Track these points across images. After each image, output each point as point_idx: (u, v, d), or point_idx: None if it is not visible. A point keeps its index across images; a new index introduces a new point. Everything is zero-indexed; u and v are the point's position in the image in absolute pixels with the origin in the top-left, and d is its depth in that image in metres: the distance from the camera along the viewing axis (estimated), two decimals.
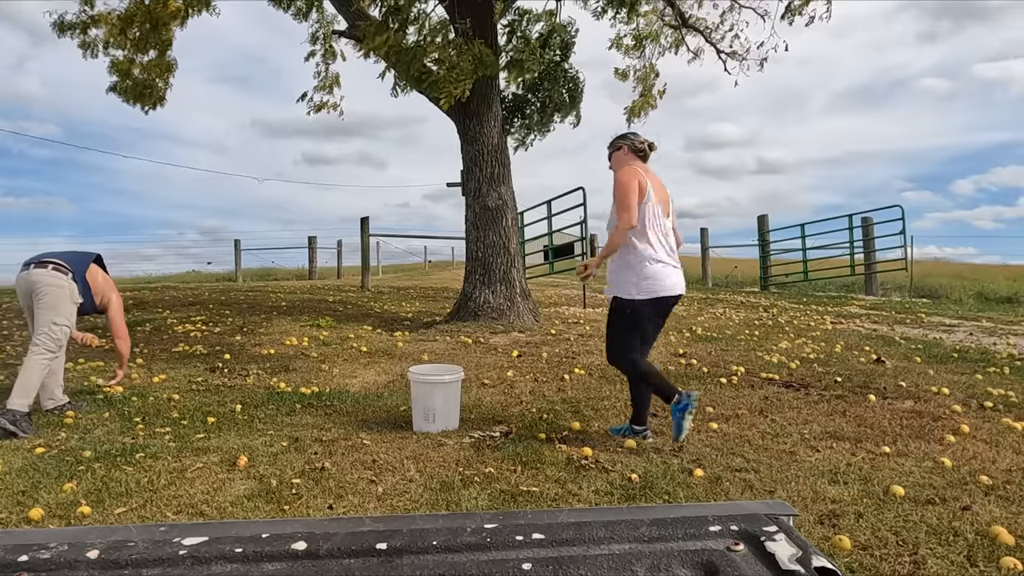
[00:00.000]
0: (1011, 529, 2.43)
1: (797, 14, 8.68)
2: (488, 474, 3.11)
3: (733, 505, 0.92)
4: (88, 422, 4.05)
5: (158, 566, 0.76)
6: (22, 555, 0.77)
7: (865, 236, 13.78)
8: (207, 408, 4.35)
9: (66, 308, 3.99)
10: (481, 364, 5.70)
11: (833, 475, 3.06)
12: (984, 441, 3.59)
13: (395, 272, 22.34)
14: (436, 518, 0.89)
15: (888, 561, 2.25)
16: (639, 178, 3.51)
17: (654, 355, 6.09)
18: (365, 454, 3.40)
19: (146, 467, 3.25)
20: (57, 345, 3.96)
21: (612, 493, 2.90)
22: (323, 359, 5.95)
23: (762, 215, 15.80)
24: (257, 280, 18.30)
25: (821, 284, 15.36)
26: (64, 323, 3.97)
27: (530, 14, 8.98)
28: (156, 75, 8.17)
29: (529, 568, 0.76)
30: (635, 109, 9.46)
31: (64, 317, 3.97)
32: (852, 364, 5.78)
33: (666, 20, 9.40)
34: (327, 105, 9.03)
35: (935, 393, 4.66)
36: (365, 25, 7.12)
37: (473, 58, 6.54)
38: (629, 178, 3.49)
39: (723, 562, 0.76)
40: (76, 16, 7.77)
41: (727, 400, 4.56)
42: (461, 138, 7.94)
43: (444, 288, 13.16)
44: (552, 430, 3.82)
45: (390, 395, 4.73)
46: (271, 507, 2.78)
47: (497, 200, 7.65)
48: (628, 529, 0.82)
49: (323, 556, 0.78)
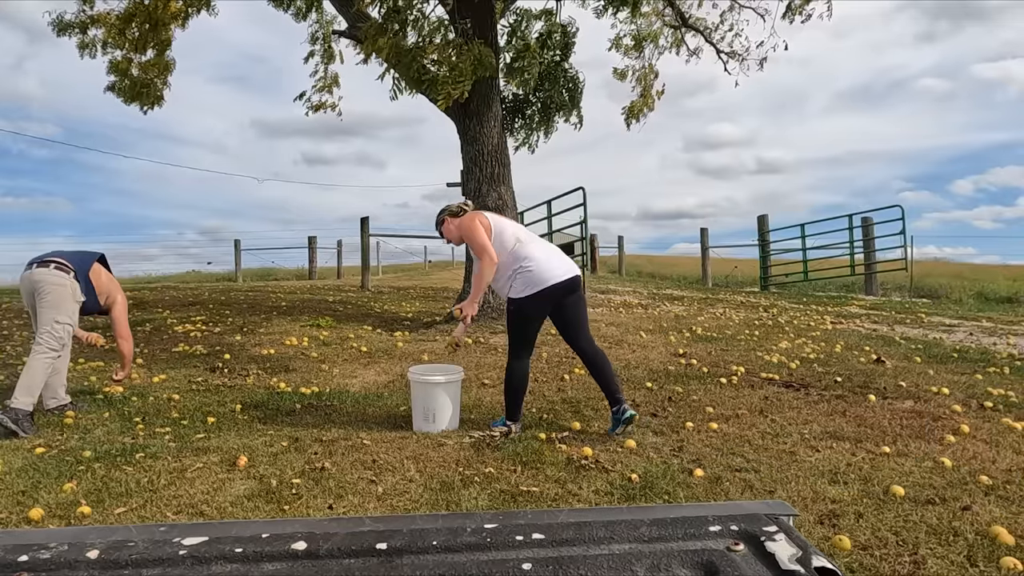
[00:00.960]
0: (1011, 529, 2.43)
1: (798, 13, 8.68)
2: (488, 474, 3.11)
3: (733, 505, 0.92)
4: (88, 422, 4.05)
5: (158, 566, 0.76)
6: (22, 555, 0.77)
7: (865, 236, 13.78)
8: (207, 408, 4.35)
9: (68, 307, 3.98)
10: (481, 364, 5.70)
11: (833, 475, 3.06)
12: (984, 441, 3.59)
13: (395, 272, 22.34)
14: (436, 518, 0.89)
15: (888, 561, 2.25)
16: (479, 219, 3.80)
17: (654, 355, 6.10)
18: (365, 454, 3.40)
19: (146, 467, 3.25)
20: (60, 344, 3.95)
21: (612, 493, 2.90)
22: (323, 359, 5.95)
23: (762, 215, 15.81)
24: (257, 280, 18.30)
25: (821, 284, 15.36)
26: (66, 321, 3.96)
27: (530, 14, 8.98)
28: (154, 75, 8.17)
29: (529, 568, 0.76)
30: (633, 110, 9.47)
31: (66, 315, 3.96)
32: (852, 364, 5.78)
33: (666, 20, 9.40)
34: (325, 105, 9.02)
35: (935, 393, 4.66)
36: (366, 26, 7.11)
37: (473, 59, 6.54)
38: (471, 223, 3.78)
39: (723, 562, 0.76)
40: (75, 16, 7.77)
41: (727, 400, 4.56)
42: (461, 138, 7.94)
43: (444, 288, 13.16)
44: (552, 430, 3.82)
45: (390, 395, 4.73)
46: (271, 507, 2.78)
47: (497, 200, 7.65)
48: (628, 529, 0.82)
49: (323, 556, 0.78)
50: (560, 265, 3.74)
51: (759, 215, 15.81)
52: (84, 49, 7.83)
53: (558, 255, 3.83)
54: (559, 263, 3.75)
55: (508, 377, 3.80)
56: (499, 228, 3.81)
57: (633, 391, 4.84)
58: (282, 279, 18.51)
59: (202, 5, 7.59)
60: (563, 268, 3.73)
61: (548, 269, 3.68)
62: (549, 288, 3.66)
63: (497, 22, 8.22)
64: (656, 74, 9.63)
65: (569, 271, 3.74)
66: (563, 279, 3.69)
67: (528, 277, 3.66)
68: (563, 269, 3.73)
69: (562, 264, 3.75)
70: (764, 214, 15.80)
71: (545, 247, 3.87)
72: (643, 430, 3.85)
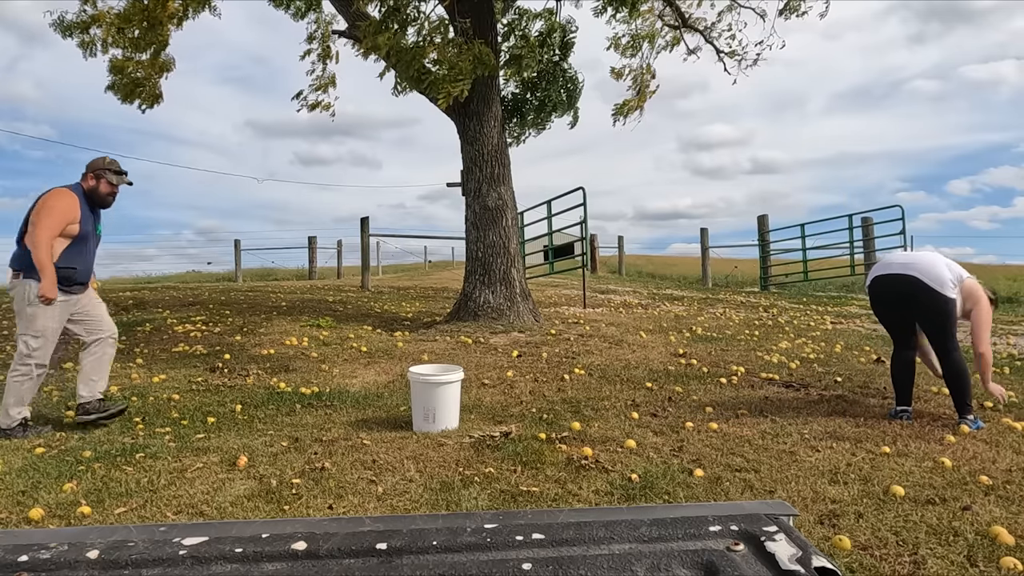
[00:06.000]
0: (1011, 529, 2.43)
1: (795, 12, 8.69)
2: (488, 474, 3.11)
3: (733, 505, 0.92)
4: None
5: (158, 566, 0.76)
6: (22, 555, 0.77)
7: (865, 236, 13.77)
8: (207, 408, 4.35)
9: (25, 314, 3.73)
10: (481, 364, 5.70)
11: (833, 475, 3.06)
12: (984, 441, 3.59)
13: (395, 272, 22.33)
14: (436, 518, 0.89)
15: (888, 561, 2.25)
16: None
17: (654, 355, 6.10)
18: (365, 454, 3.40)
19: (146, 467, 3.25)
20: (27, 358, 3.73)
21: (612, 493, 2.90)
22: (323, 359, 5.95)
23: (762, 215, 15.82)
24: (257, 280, 18.29)
25: (821, 284, 15.35)
26: (30, 333, 3.73)
27: (529, 13, 8.98)
28: (151, 73, 8.16)
29: (529, 568, 0.76)
30: (623, 108, 9.43)
31: (26, 326, 3.74)
32: (852, 364, 5.78)
33: (665, 20, 9.39)
34: (322, 105, 9.02)
35: (935, 393, 4.66)
36: (365, 25, 7.11)
37: (473, 58, 6.54)
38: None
39: (723, 562, 0.76)
40: (76, 16, 7.77)
41: (727, 400, 4.56)
42: (461, 138, 7.94)
43: (444, 288, 13.15)
44: (552, 430, 3.82)
45: (390, 395, 4.73)
46: (271, 507, 2.78)
47: (497, 200, 7.65)
48: (628, 529, 0.82)
49: (323, 556, 0.78)
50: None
51: (759, 215, 15.83)
52: (84, 49, 7.83)
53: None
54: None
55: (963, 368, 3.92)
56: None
57: (633, 391, 4.84)
58: (282, 279, 18.50)
59: (201, 5, 7.58)
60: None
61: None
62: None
63: (497, 21, 8.22)
64: (653, 74, 9.62)
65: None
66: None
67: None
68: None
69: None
70: (764, 214, 15.82)
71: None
72: (643, 430, 3.85)
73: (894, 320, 4.14)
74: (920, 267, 3.91)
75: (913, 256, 4.15)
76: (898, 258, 4.18)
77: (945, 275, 3.84)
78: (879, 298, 4.12)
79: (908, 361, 4.09)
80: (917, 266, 3.93)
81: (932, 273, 3.86)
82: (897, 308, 4.05)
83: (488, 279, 7.64)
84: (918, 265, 3.93)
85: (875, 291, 4.12)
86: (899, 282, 3.94)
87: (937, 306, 3.85)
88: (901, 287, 3.93)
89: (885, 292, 4.05)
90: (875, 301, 4.17)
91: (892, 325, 4.19)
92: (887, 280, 4.01)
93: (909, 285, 3.89)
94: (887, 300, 4.08)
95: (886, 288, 4.03)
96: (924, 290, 3.84)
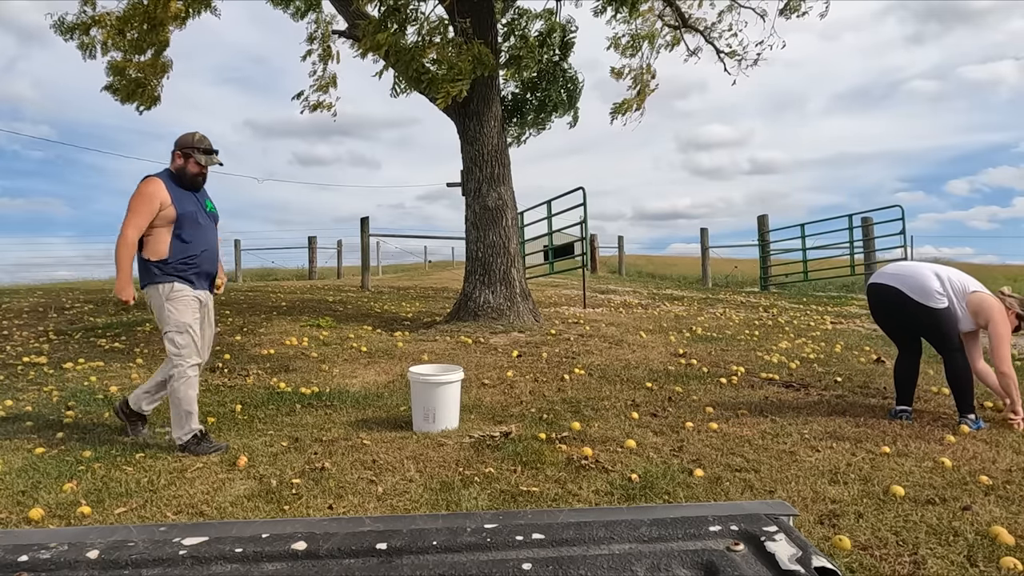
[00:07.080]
0: (1011, 529, 2.43)
1: (795, 12, 8.70)
2: (488, 474, 3.11)
3: (733, 505, 0.92)
4: (88, 422, 4.05)
5: (158, 566, 0.76)
6: (22, 555, 0.77)
7: (865, 236, 13.77)
8: (207, 408, 4.35)
9: (163, 317, 3.58)
10: (481, 364, 5.70)
11: (833, 475, 3.06)
12: (984, 441, 3.59)
13: (395, 272, 22.33)
14: (436, 518, 0.89)
15: (888, 561, 2.25)
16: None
17: (654, 355, 6.09)
18: (365, 454, 3.40)
19: (146, 467, 3.25)
20: (177, 357, 3.54)
21: (612, 493, 2.90)
22: (323, 359, 5.95)
23: (762, 215, 15.81)
24: (257, 280, 18.29)
25: (821, 284, 15.35)
26: (172, 329, 3.56)
27: (529, 13, 8.97)
28: (150, 75, 8.16)
29: (529, 568, 0.76)
30: (622, 107, 9.42)
31: (165, 325, 3.58)
32: (852, 364, 5.79)
33: (665, 20, 9.39)
34: (323, 105, 9.02)
35: (935, 393, 4.66)
36: (364, 24, 7.11)
37: (472, 58, 6.54)
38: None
39: (723, 562, 0.76)
40: (76, 17, 7.77)
41: (727, 400, 4.56)
42: (461, 138, 7.94)
43: (444, 288, 13.15)
44: (552, 430, 3.82)
45: (390, 395, 4.73)
46: (271, 507, 2.78)
47: (497, 200, 7.65)
48: (628, 529, 0.82)
49: (323, 556, 0.78)
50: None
51: (759, 215, 15.82)
52: (84, 50, 7.83)
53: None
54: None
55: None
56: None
57: (633, 391, 4.84)
58: (282, 279, 18.50)
59: (202, 5, 7.58)
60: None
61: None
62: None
63: (497, 21, 8.22)
64: (653, 74, 9.62)
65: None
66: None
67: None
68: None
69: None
70: (764, 214, 15.81)
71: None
72: (643, 430, 3.85)
73: (891, 327, 4.20)
74: (905, 278, 3.95)
75: (903, 267, 4.14)
76: (891, 268, 4.20)
77: (930, 286, 3.85)
78: (873, 307, 4.20)
79: (911, 363, 4.10)
80: (902, 277, 3.97)
81: (916, 284, 3.88)
82: (889, 317, 4.11)
83: (488, 279, 7.64)
84: (903, 276, 3.97)
85: (869, 299, 4.19)
86: (886, 292, 4.01)
87: (921, 318, 3.90)
88: (888, 297, 4.00)
89: (877, 302, 4.12)
90: (871, 309, 4.25)
91: (890, 331, 4.26)
92: (878, 290, 4.07)
93: (894, 296, 3.95)
94: (879, 309, 4.15)
95: (878, 298, 4.10)
96: (908, 302, 3.90)
